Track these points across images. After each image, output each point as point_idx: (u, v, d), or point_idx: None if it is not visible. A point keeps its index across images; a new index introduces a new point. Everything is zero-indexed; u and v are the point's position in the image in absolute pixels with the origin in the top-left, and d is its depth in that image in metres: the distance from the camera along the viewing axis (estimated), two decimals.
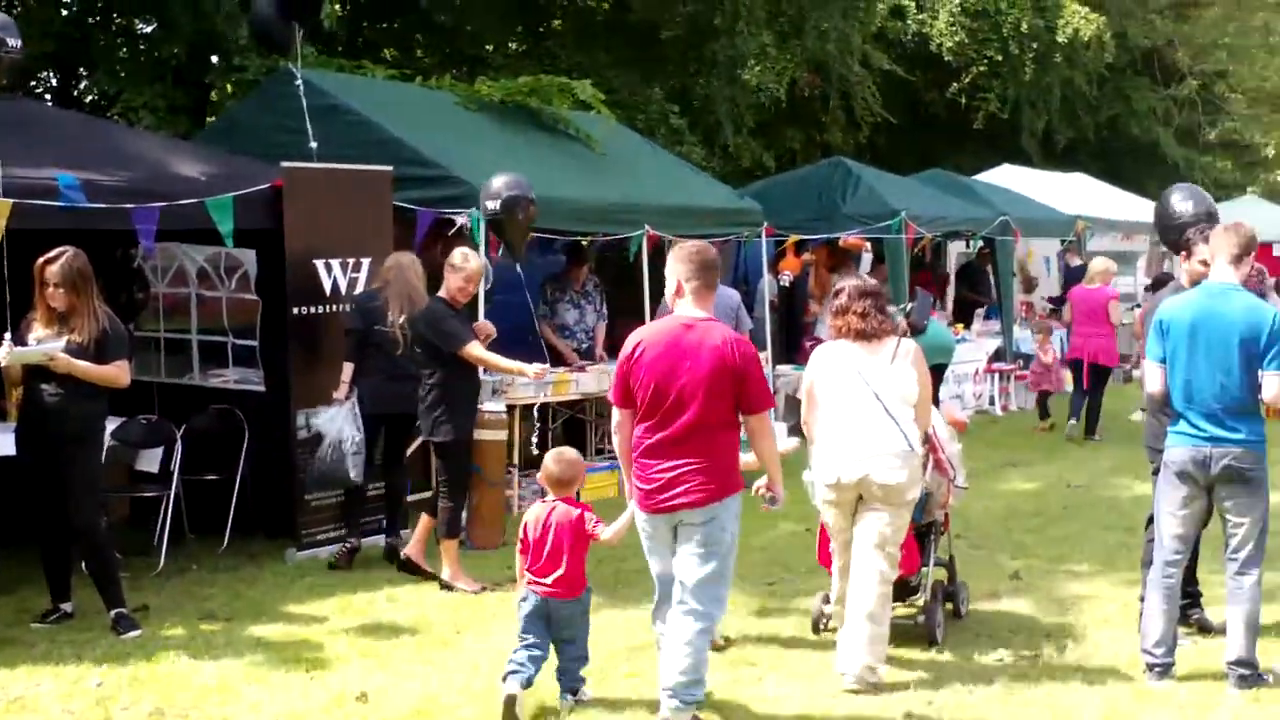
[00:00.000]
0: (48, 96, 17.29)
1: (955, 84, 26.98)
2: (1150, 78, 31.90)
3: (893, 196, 16.54)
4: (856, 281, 7.57)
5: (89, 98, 16.77)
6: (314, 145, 10.40)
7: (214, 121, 13.82)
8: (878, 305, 7.35)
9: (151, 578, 9.06)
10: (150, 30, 15.93)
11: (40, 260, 7.64)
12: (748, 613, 8.28)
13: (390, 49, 19.86)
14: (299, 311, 9.73)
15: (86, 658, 7.34)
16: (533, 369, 9.42)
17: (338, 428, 9.56)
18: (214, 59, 15.01)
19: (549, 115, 13.71)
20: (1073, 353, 16.22)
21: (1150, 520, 7.48)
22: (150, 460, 9.86)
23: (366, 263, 10.04)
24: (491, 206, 10.48)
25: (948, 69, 26.90)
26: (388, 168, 10.40)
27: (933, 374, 8.14)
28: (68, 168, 8.42)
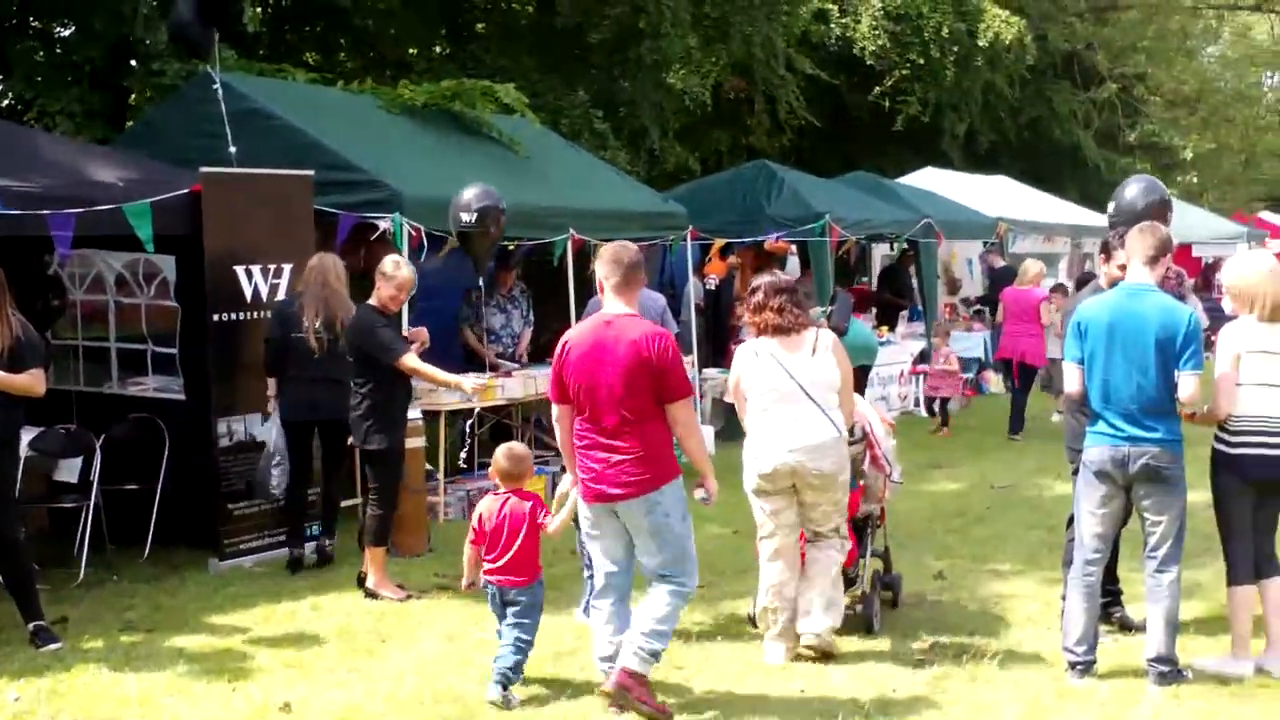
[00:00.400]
0: None
1: (878, 87, 27.14)
2: (1070, 81, 32.25)
3: (817, 199, 16.62)
4: (771, 278, 7.72)
5: (4, 103, 16.51)
6: (233, 150, 10.30)
7: (132, 126, 13.64)
8: (793, 300, 7.56)
9: (71, 589, 8.94)
10: (67, 35, 15.72)
11: None
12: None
13: (312, 53, 19.72)
14: (219, 318, 9.63)
15: (4, 672, 7.24)
16: (470, 384, 9.36)
17: (274, 438, 9.55)
18: (132, 63, 14.82)
19: (472, 119, 13.66)
20: (1001, 352, 16.47)
21: (1071, 519, 7.55)
22: (69, 470, 9.72)
23: (288, 268, 9.96)
24: (466, 218, 10.39)
25: (871, 73, 27.07)
26: (308, 172, 10.33)
27: (856, 375, 8.33)
28: None
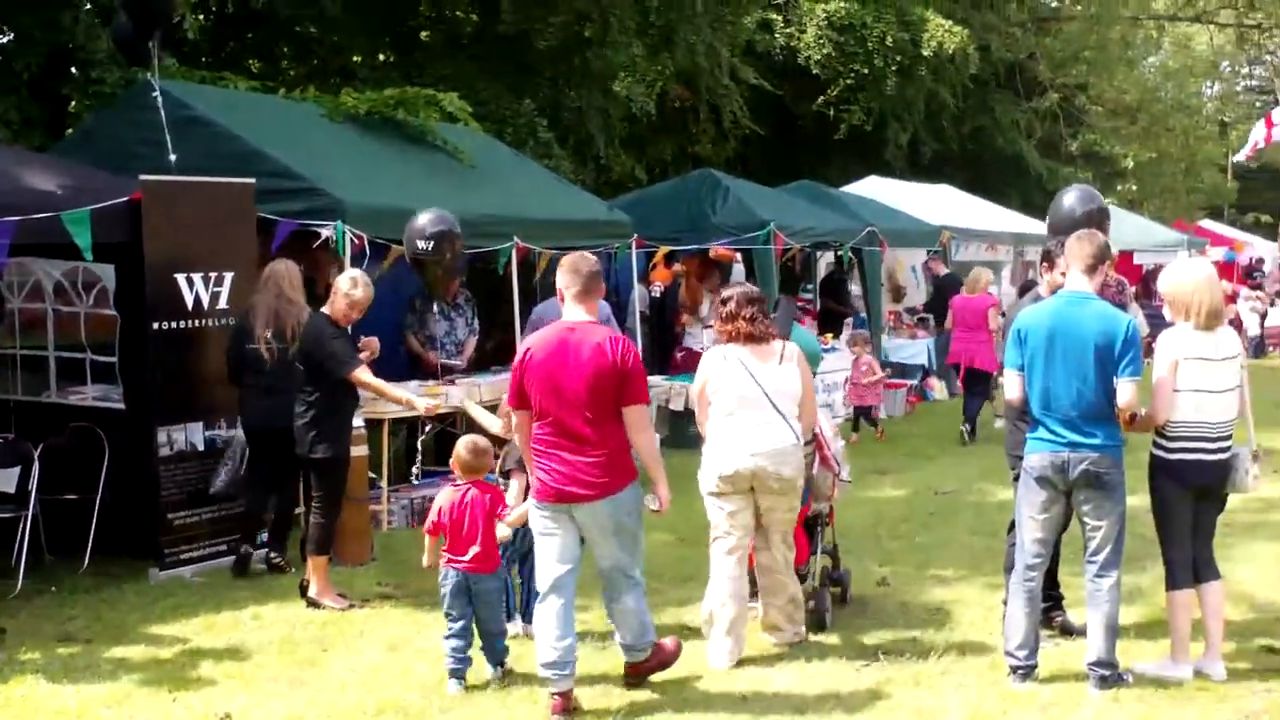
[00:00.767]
0: None
1: (822, 96, 27.27)
2: (1013, 91, 32.55)
3: (761, 208, 16.69)
4: (743, 289, 8.03)
5: None
6: (173, 158, 10.22)
7: (70, 134, 13.52)
8: (763, 310, 7.87)
9: (9, 600, 8.84)
10: (5, 42, 15.56)
11: None
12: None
13: (254, 61, 19.61)
14: (160, 327, 9.55)
15: None
16: (422, 404, 9.32)
17: (236, 442, 9.66)
18: (72, 71, 14.70)
19: (416, 127, 13.62)
20: (952, 358, 16.64)
21: (1012, 525, 7.59)
22: (6, 480, 9.61)
23: (229, 276, 9.89)
24: (422, 245, 10.33)
25: (815, 82, 27.20)
26: (249, 180, 10.26)
27: None
28: None
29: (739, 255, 17.44)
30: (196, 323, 9.74)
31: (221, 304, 9.85)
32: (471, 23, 21.86)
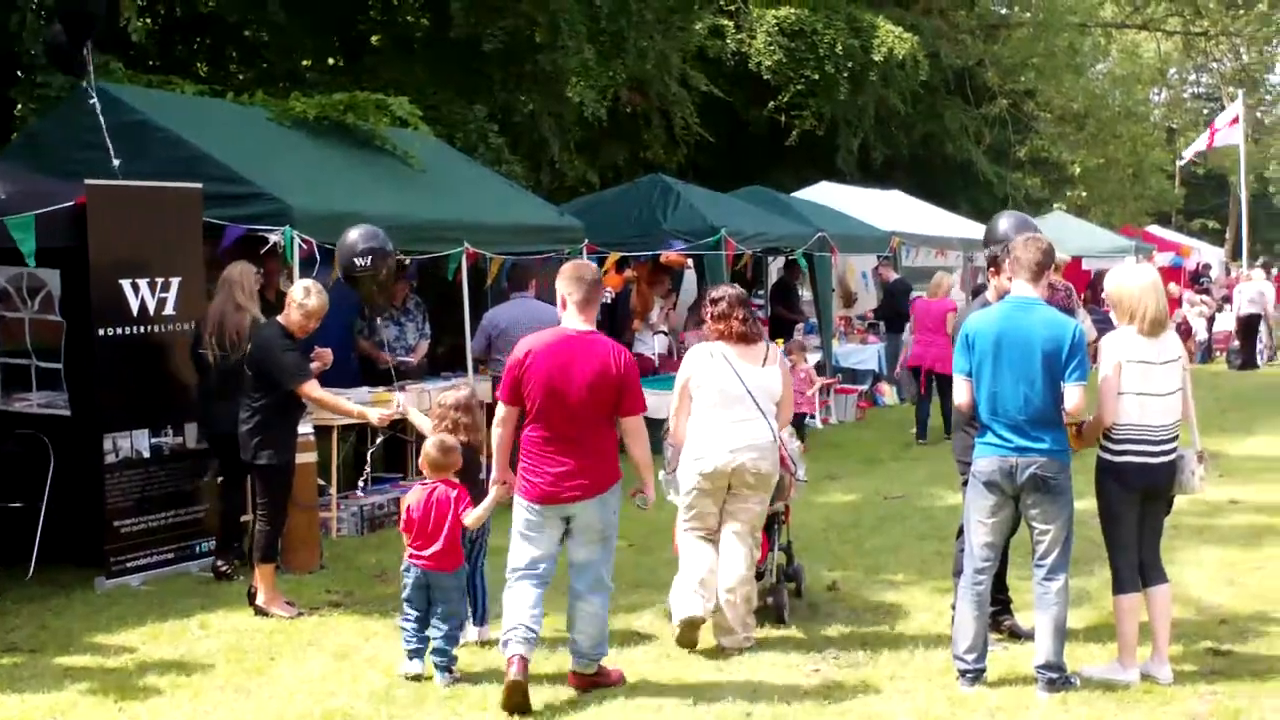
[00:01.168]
0: None
1: (772, 102, 27.34)
2: (962, 97, 32.73)
3: (712, 213, 16.69)
4: (734, 291, 8.24)
5: None
6: (116, 163, 10.11)
7: (15, 139, 13.37)
8: (751, 312, 8.21)
9: None
10: None
11: None
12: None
13: (202, 65, 19.47)
14: (106, 333, 9.46)
15: None
16: (375, 416, 9.26)
17: None
18: (17, 74, 14.57)
19: (365, 132, 13.55)
20: (913, 360, 16.80)
21: (961, 530, 7.62)
22: None
23: (176, 282, 9.82)
24: (360, 263, 10.25)
25: (767, 88, 27.26)
26: (196, 185, 10.18)
27: None
28: None
29: (690, 261, 17.45)
30: (143, 329, 9.66)
31: (168, 310, 9.77)
32: (422, 27, 21.77)
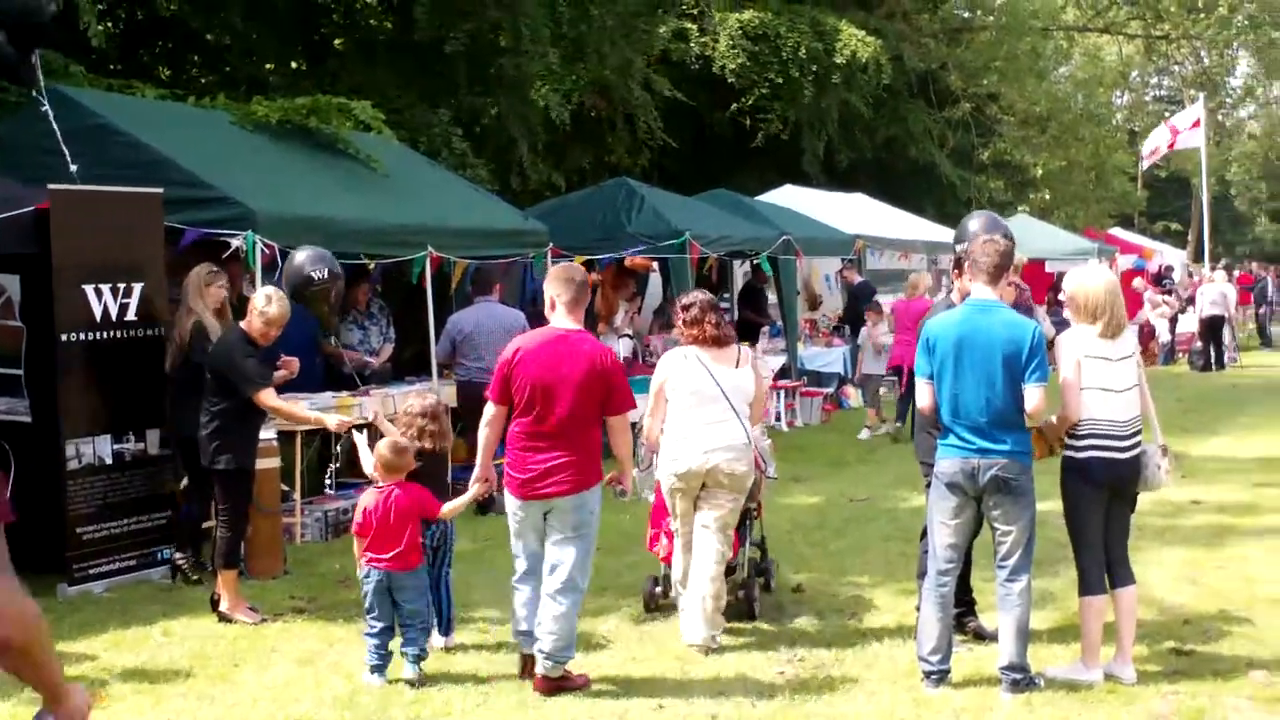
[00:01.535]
0: None
1: (736, 105, 27.38)
2: (926, 100, 32.81)
3: (676, 216, 16.70)
4: (704, 296, 8.41)
5: None
6: (74, 169, 10.03)
7: None
8: (723, 315, 8.44)
9: None
10: None
11: None
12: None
13: (164, 69, 19.36)
14: (67, 338, 9.40)
15: None
16: (332, 422, 9.22)
17: None
18: None
19: (328, 136, 13.51)
20: (894, 360, 16.90)
21: (925, 531, 7.65)
22: None
23: (138, 287, 9.77)
24: (318, 275, 10.20)
25: (731, 91, 27.30)
26: (157, 190, 10.13)
27: None
28: None
29: (655, 264, 17.45)
30: (105, 334, 9.60)
31: (130, 315, 9.72)
32: (385, 30, 21.71)
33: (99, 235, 9.56)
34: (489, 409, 7.38)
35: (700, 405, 8.04)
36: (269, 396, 8.74)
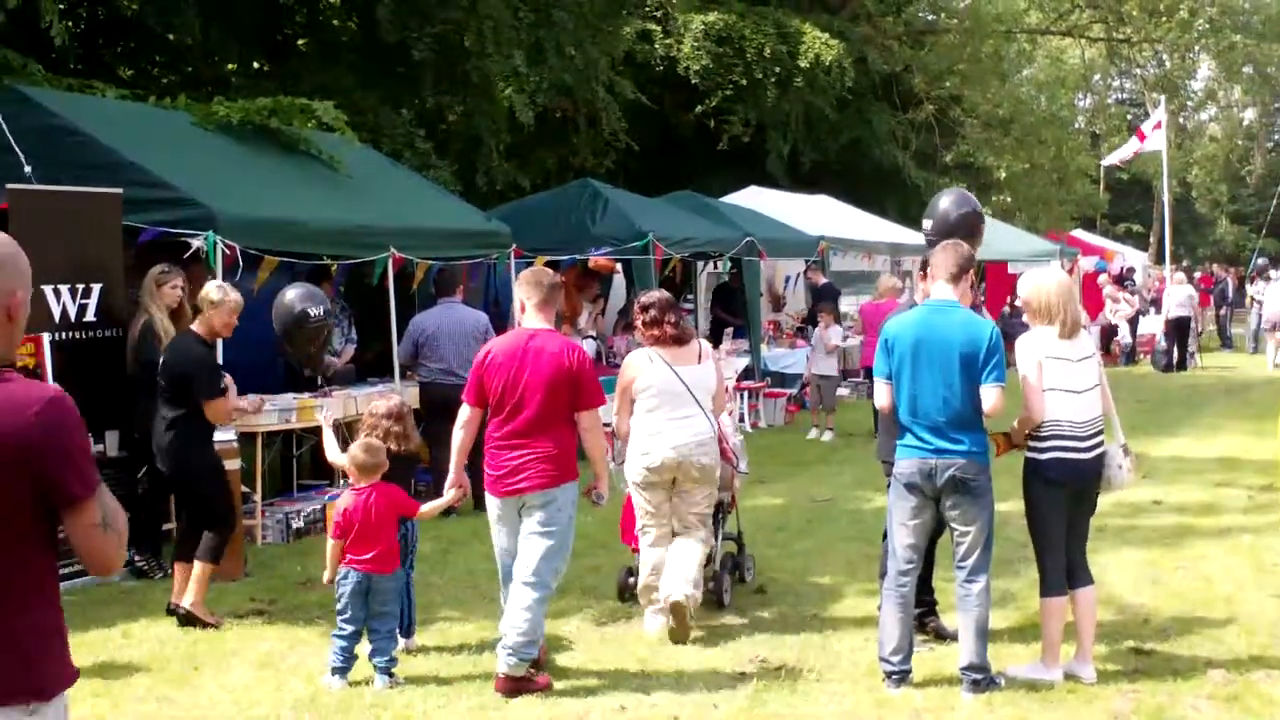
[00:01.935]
0: None
1: (700, 107, 27.39)
2: (890, 103, 32.89)
3: (640, 218, 16.69)
4: (662, 296, 8.66)
5: None
6: (28, 170, 9.95)
7: None
8: (680, 314, 8.74)
9: None
10: None
11: None
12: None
13: (125, 69, 19.25)
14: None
15: None
16: (247, 402, 9.16)
17: None
18: None
19: (290, 136, 13.45)
20: (864, 361, 17.02)
21: (886, 532, 7.66)
22: None
23: (97, 288, 9.72)
24: (314, 313, 10.12)
25: (695, 93, 27.31)
26: (117, 190, 10.07)
27: None
28: None
29: (619, 265, 17.45)
30: (65, 335, 9.54)
31: (90, 316, 9.67)
32: (349, 32, 21.65)
33: (58, 235, 9.49)
34: (463, 411, 7.54)
35: (667, 403, 8.29)
36: (218, 407, 8.69)
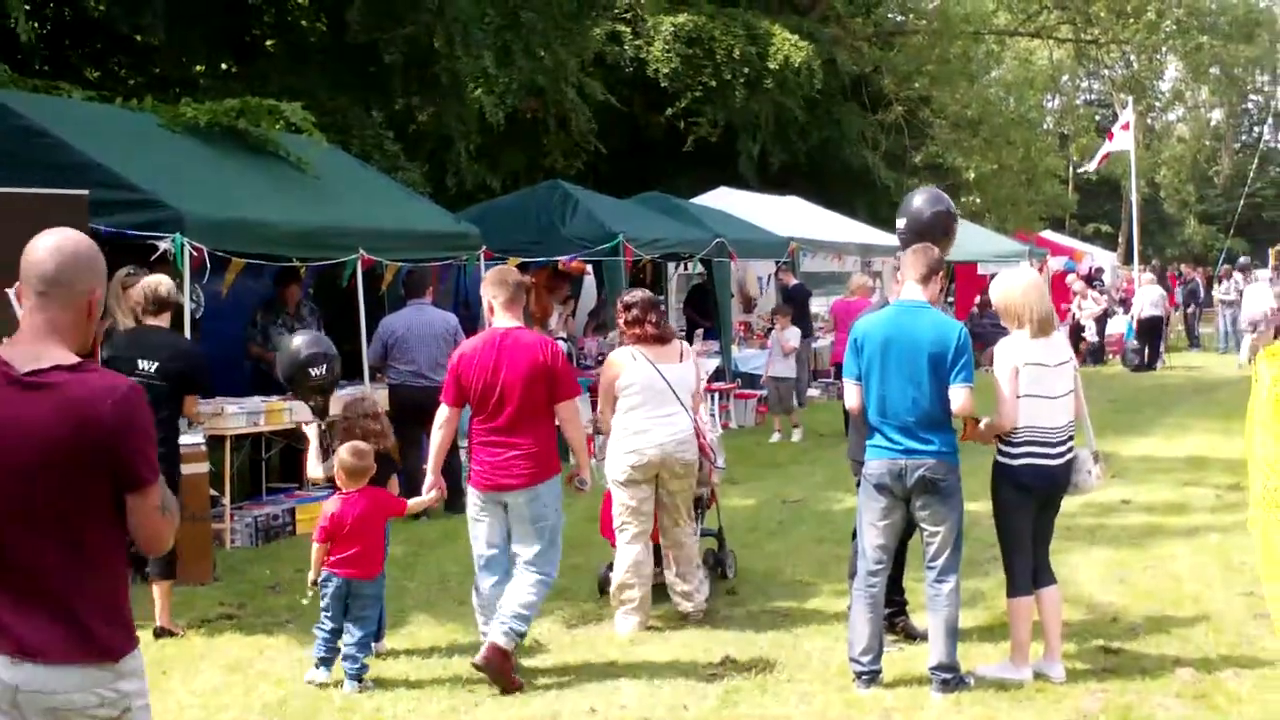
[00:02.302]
0: None
1: (669, 108, 27.39)
2: (859, 104, 32.97)
3: (610, 219, 16.67)
4: (644, 295, 8.82)
5: None
6: None
7: None
8: (662, 314, 8.87)
9: None
10: None
11: None
12: (466, 642, 8.20)
13: (92, 70, 19.14)
14: None
15: None
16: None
17: None
18: None
19: (258, 138, 13.38)
20: (835, 359, 17.09)
21: (856, 532, 7.66)
22: None
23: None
24: (315, 372, 10.01)
25: (665, 94, 27.31)
26: (82, 191, 9.95)
27: None
28: None
29: (589, 267, 17.43)
30: None
31: None
32: (318, 33, 21.57)
33: (20, 237, 9.31)
34: (442, 410, 7.66)
35: (650, 401, 8.45)
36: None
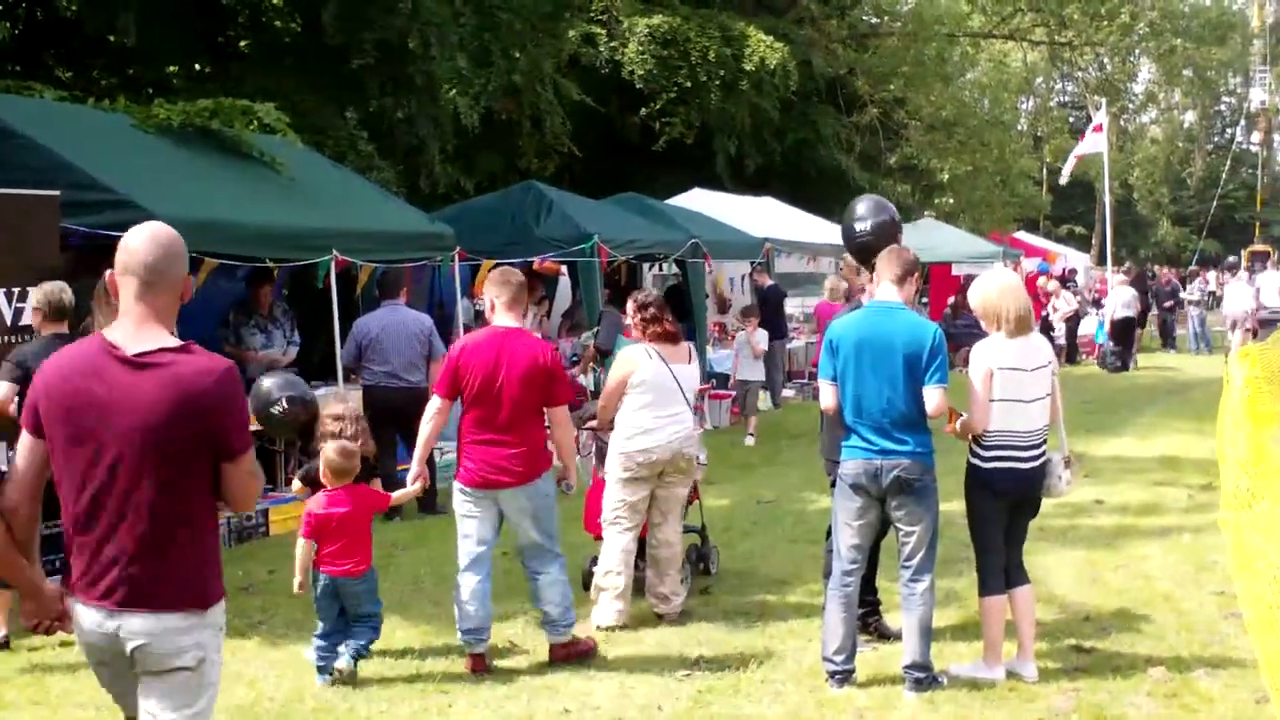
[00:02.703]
0: None
1: (644, 109, 27.40)
2: (834, 105, 33.05)
3: (585, 220, 16.66)
4: (656, 295, 9.22)
5: None
6: None
7: None
8: (671, 315, 9.02)
9: None
10: None
11: None
12: (440, 643, 8.19)
13: (64, 70, 19.04)
14: None
15: None
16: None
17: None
18: None
19: (231, 138, 13.32)
20: (816, 360, 17.06)
21: (830, 532, 7.68)
22: None
23: (32, 291, 9.57)
24: (278, 411, 9.94)
25: (640, 95, 27.32)
26: (54, 192, 9.93)
27: None
28: None
29: (564, 268, 17.41)
30: (1, 339, 9.41)
31: (26, 320, 9.53)
32: (292, 34, 21.50)
33: None
34: (434, 402, 7.77)
35: (660, 398, 8.66)
36: None
